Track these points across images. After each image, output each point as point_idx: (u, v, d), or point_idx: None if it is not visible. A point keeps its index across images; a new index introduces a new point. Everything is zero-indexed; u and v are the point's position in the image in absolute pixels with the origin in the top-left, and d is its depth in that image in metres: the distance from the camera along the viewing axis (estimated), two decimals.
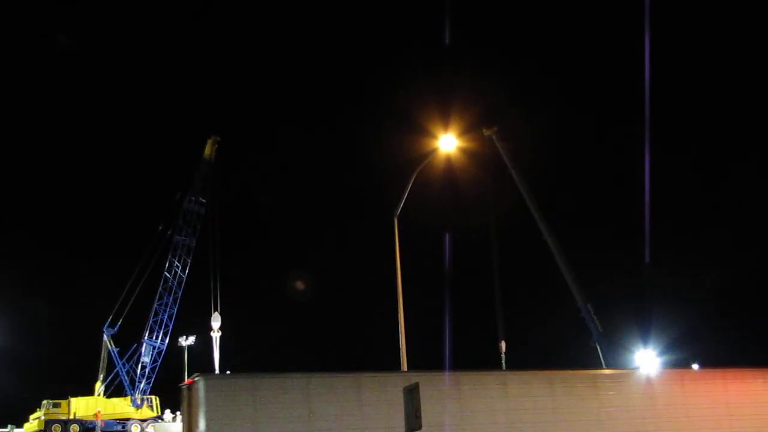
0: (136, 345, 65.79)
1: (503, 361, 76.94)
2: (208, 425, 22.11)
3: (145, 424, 62.97)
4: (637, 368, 46.31)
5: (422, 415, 20.43)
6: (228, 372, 64.54)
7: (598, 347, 74.04)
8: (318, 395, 23.86)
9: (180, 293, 67.04)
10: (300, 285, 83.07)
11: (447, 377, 26.02)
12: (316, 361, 74.35)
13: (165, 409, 64.79)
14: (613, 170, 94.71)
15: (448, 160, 32.84)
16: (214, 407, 22.33)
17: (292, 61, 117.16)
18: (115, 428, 62.17)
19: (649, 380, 28.84)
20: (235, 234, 77.56)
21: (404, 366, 28.63)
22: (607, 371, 31.80)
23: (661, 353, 70.74)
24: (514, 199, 76.39)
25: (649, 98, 59.81)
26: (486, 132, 76.41)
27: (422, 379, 21.54)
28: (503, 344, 77.58)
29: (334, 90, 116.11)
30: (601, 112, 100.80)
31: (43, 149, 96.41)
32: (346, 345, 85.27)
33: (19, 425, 61.30)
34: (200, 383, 22.85)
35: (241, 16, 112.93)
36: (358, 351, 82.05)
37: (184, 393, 24.77)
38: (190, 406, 23.92)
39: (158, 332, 66.02)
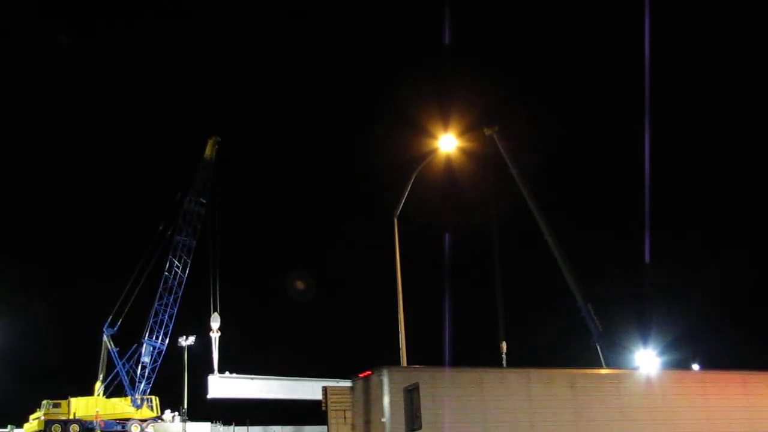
0: (136, 345, 65.88)
1: (504, 362, 77.08)
2: (392, 415, 23.05)
3: (144, 424, 63.00)
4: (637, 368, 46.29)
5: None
6: (226, 372, 64.85)
7: (598, 347, 74.08)
8: (491, 389, 25.05)
9: (180, 293, 67.14)
10: (300, 284, 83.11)
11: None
12: (317, 359, 74.30)
13: (165, 409, 64.79)
14: (613, 170, 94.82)
15: (448, 160, 32.82)
16: (398, 398, 23.26)
17: (293, 62, 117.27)
18: (115, 428, 62.20)
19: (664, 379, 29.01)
20: (235, 234, 77.65)
21: (404, 364, 28.58)
22: (626, 371, 31.50)
23: (661, 353, 70.84)
24: (515, 198, 76.49)
25: (649, 98, 59.90)
26: (487, 131, 76.42)
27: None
28: (504, 345, 77.71)
29: (334, 90, 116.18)
30: (602, 113, 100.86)
31: (43, 149, 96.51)
32: (346, 344, 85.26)
33: (19, 425, 61.29)
34: (385, 375, 23.65)
35: (242, 16, 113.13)
36: (359, 350, 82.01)
37: (357, 385, 25.87)
38: (365, 397, 24.94)
39: (158, 332, 66.08)
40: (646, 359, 71.80)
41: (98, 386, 64.25)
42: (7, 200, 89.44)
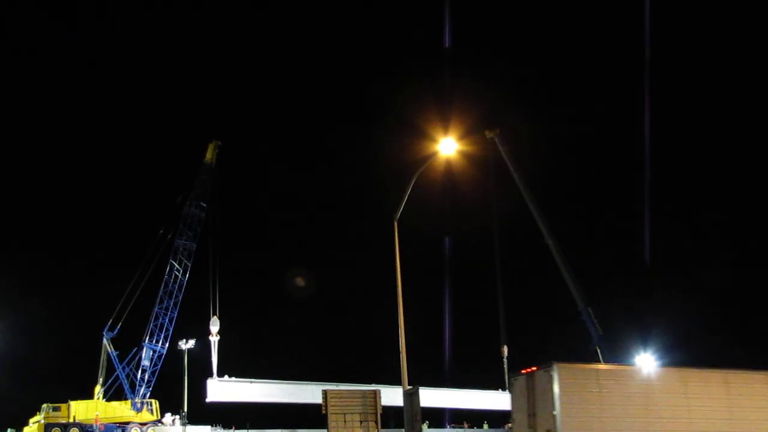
0: (136, 349, 65.80)
1: (505, 365, 77.13)
2: (563, 408, 24.50)
3: (145, 427, 62.91)
4: None
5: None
6: (225, 376, 64.77)
7: (598, 350, 74.08)
8: (651, 385, 26.72)
9: (180, 297, 67.09)
10: (300, 288, 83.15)
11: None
12: (316, 363, 74.29)
13: (165, 413, 64.72)
14: (614, 173, 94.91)
15: (448, 163, 32.80)
16: (567, 392, 24.78)
17: (294, 66, 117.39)
18: None
19: None
20: (236, 238, 77.63)
21: (404, 368, 28.54)
22: None
23: (661, 355, 70.81)
24: (516, 201, 76.55)
25: (649, 101, 60.02)
26: (488, 134, 76.50)
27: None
28: (505, 348, 77.71)
29: (335, 94, 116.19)
30: (601, 115, 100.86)
31: (45, 152, 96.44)
32: (346, 347, 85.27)
33: (19, 429, 61.21)
34: (555, 370, 25.01)
35: (243, 21, 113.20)
36: (359, 353, 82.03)
37: (521, 380, 26.83)
38: (531, 392, 26.09)
39: (158, 336, 66.01)
40: (647, 362, 71.87)
41: (98, 390, 64.17)
42: (8, 202, 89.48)
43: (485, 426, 73.73)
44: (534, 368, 26.13)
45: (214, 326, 65.23)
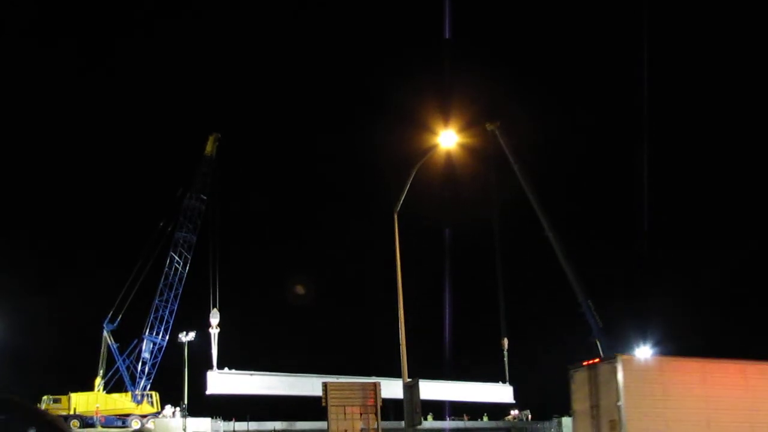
0: (136, 341, 65.97)
1: (506, 358, 77.33)
2: (627, 398, 25.43)
3: (145, 419, 63.03)
4: None
5: None
6: (225, 368, 64.85)
7: (597, 342, 74.23)
8: (712, 378, 27.30)
9: (180, 289, 67.26)
10: (300, 281, 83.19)
11: None
12: (316, 356, 74.39)
13: (165, 405, 64.84)
14: (613, 165, 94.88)
15: (449, 156, 32.72)
16: (631, 383, 25.72)
17: (294, 58, 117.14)
18: (115, 424, 62.24)
19: None
20: (236, 230, 77.66)
21: (404, 360, 28.56)
22: None
23: (660, 347, 70.88)
24: (516, 194, 76.55)
25: (648, 92, 59.95)
26: (489, 126, 76.49)
27: None
28: (506, 341, 77.90)
29: (335, 86, 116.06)
30: (602, 108, 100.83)
31: (43, 144, 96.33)
32: (346, 339, 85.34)
33: None
34: (619, 362, 25.97)
35: (243, 13, 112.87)
36: (359, 345, 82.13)
37: (582, 372, 27.74)
38: (593, 384, 27.00)
39: (159, 328, 66.19)
40: (646, 354, 71.98)
41: (98, 382, 64.30)
42: (7, 194, 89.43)
43: (485, 418, 73.92)
44: (596, 360, 27.53)
45: (214, 318, 65.31)
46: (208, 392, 62.91)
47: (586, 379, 27.32)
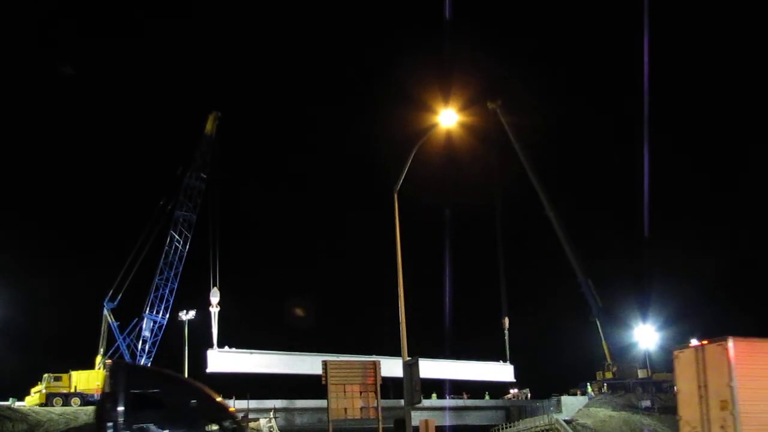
0: (136, 319, 66.12)
1: (506, 337, 77.52)
2: (739, 379, 25.70)
3: None
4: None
5: None
6: (225, 347, 65.01)
7: (597, 322, 74.49)
8: None
9: (180, 268, 67.34)
10: (299, 259, 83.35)
11: None
12: (315, 333, 74.60)
13: None
14: (614, 146, 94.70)
15: (449, 135, 32.50)
16: (742, 364, 25.99)
17: (294, 38, 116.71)
18: None
19: None
20: (235, 209, 77.63)
21: (403, 339, 28.58)
22: None
23: (660, 327, 71.12)
24: (518, 173, 76.46)
25: (648, 75, 59.63)
26: (490, 105, 76.29)
27: None
28: (506, 320, 78.06)
29: (334, 66, 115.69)
30: (603, 90, 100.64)
31: (44, 123, 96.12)
32: (346, 318, 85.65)
33: (21, 399, 61.57)
34: (730, 343, 26.07)
35: None
36: (359, 325, 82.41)
37: (688, 354, 27.80)
38: (701, 365, 27.09)
39: (159, 307, 66.33)
40: (645, 334, 72.28)
41: (99, 360, 64.45)
42: (7, 174, 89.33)
43: (486, 397, 74.21)
44: (705, 342, 27.44)
45: (214, 297, 65.41)
46: (208, 370, 63.08)
47: (693, 360, 27.44)
